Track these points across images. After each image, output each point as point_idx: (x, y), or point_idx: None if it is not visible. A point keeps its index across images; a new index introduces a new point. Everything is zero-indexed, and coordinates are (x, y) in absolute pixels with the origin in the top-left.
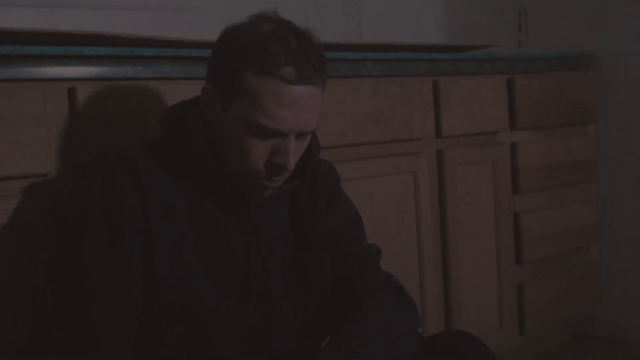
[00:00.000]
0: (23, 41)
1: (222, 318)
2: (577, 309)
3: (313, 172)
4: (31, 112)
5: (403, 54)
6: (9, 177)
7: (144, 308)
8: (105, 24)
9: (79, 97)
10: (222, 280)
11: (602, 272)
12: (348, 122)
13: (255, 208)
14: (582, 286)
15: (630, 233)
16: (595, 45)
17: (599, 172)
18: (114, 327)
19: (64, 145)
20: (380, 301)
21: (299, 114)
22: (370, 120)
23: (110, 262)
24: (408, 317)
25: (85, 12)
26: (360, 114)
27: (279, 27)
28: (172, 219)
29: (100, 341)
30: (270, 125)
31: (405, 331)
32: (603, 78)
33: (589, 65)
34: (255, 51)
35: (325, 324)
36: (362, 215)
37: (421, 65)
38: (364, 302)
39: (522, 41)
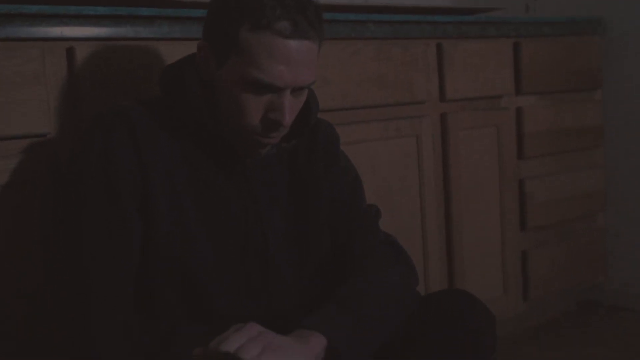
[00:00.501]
0: (22, 0)
1: (220, 276)
2: (582, 277)
3: (312, 131)
4: (30, 72)
5: (406, 16)
6: (9, 136)
7: (142, 266)
8: None
9: (78, 57)
10: (220, 239)
11: (608, 240)
12: (350, 84)
13: (253, 168)
14: (587, 254)
15: (638, 200)
16: (603, 10)
17: (606, 138)
18: (112, 284)
19: (63, 106)
20: (378, 260)
21: (294, 69)
22: (373, 83)
23: (108, 219)
24: (406, 275)
25: None
26: (362, 77)
27: None
28: (169, 178)
29: (100, 297)
30: (265, 80)
31: (403, 289)
32: (611, 43)
33: (596, 30)
34: (249, 6)
35: (324, 283)
36: (364, 179)
37: (424, 28)
38: (362, 261)
39: (530, 6)
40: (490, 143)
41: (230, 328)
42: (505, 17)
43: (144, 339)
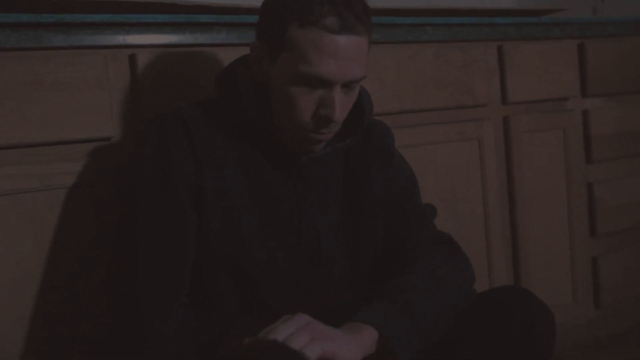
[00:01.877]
0: (85, 9)
1: (272, 272)
2: None
3: (366, 131)
4: (94, 78)
5: (465, 18)
6: (75, 140)
7: (197, 262)
8: None
9: (139, 63)
10: (273, 236)
11: None
12: (409, 88)
13: (307, 166)
14: None
15: None
16: None
17: None
18: (168, 279)
19: (125, 110)
20: (432, 255)
21: (343, 64)
22: (432, 86)
23: (164, 214)
24: (460, 271)
25: None
26: (422, 80)
27: None
28: (224, 175)
29: (155, 291)
30: (314, 74)
31: (457, 285)
32: None
33: None
34: (298, 3)
35: (377, 281)
36: (426, 183)
37: (484, 30)
38: (416, 256)
39: (597, 8)
40: (556, 146)
41: (280, 319)
42: (569, 18)
43: (199, 332)
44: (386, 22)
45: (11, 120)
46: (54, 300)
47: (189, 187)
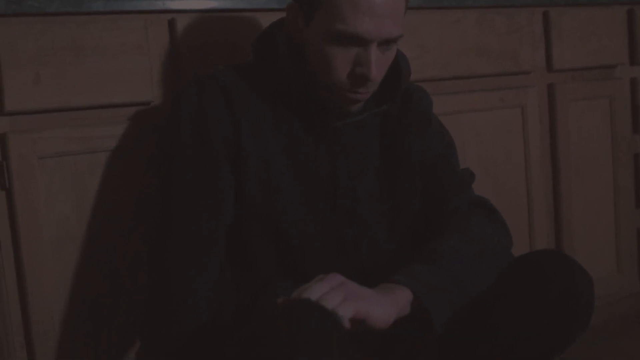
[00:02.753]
0: None
1: (310, 234)
2: None
3: (404, 96)
4: (134, 42)
5: None
6: (116, 104)
7: (235, 223)
8: None
9: (179, 28)
10: (310, 198)
11: None
12: (451, 54)
13: (343, 131)
14: None
15: None
16: None
17: None
18: (204, 239)
19: (165, 75)
20: (469, 218)
21: (379, 21)
22: (475, 53)
23: (202, 174)
24: (497, 234)
25: None
26: (464, 46)
27: None
28: (261, 138)
29: (192, 253)
30: (349, 31)
31: (493, 248)
32: None
33: None
34: None
35: (414, 242)
36: (468, 150)
37: None
38: (453, 219)
39: None
40: (602, 115)
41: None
42: None
43: (236, 292)
44: None
45: (53, 85)
46: (93, 263)
47: (227, 147)
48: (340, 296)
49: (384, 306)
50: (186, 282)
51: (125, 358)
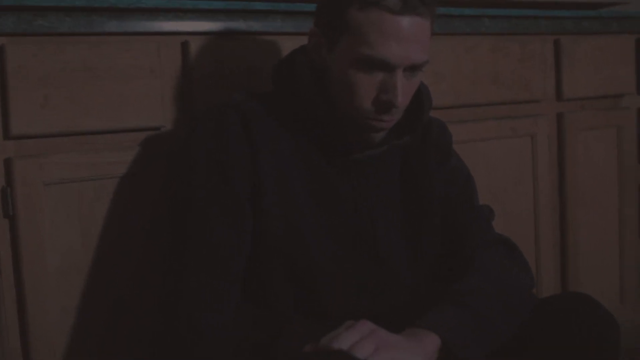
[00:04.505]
0: None
1: (330, 272)
2: None
3: (424, 129)
4: (146, 65)
5: (523, 10)
6: (125, 129)
7: (253, 255)
8: None
9: (192, 50)
10: (331, 235)
11: None
12: (464, 81)
13: (364, 163)
14: None
15: None
16: None
17: None
18: (221, 273)
19: (177, 99)
20: (493, 259)
21: (405, 46)
22: (488, 80)
23: (220, 206)
24: (522, 276)
25: None
26: (477, 73)
27: None
28: (282, 172)
29: (208, 287)
30: (376, 56)
31: (519, 289)
32: None
33: None
34: None
35: (436, 281)
36: (477, 178)
37: (542, 23)
38: (476, 259)
39: None
40: (609, 145)
41: (341, 325)
42: (627, 12)
43: (253, 329)
44: (444, 12)
45: (61, 108)
46: (98, 293)
47: (246, 179)
48: (372, 345)
49: (414, 354)
50: (204, 318)
51: None
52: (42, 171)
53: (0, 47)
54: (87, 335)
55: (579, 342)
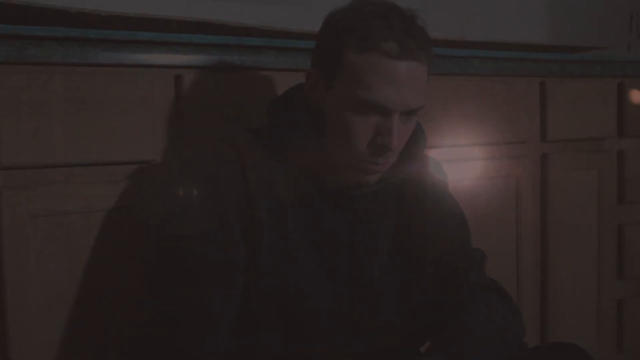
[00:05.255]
0: (132, 27)
1: (323, 312)
2: None
3: (420, 169)
4: (139, 98)
5: (511, 52)
6: (115, 162)
7: (244, 297)
8: (211, 13)
9: (185, 84)
10: (325, 274)
11: None
12: (452, 121)
13: (359, 201)
14: None
15: None
16: None
17: None
18: (215, 312)
19: (169, 133)
20: (484, 305)
21: (402, 90)
22: (475, 120)
23: (213, 247)
24: (513, 323)
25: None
26: (464, 114)
27: (382, 7)
28: (276, 209)
29: (199, 327)
30: (373, 99)
31: (510, 337)
32: None
33: None
34: (356, 28)
35: (426, 324)
36: None
37: (528, 66)
38: (467, 304)
39: (632, 44)
40: (590, 186)
41: None
42: (609, 56)
43: None
44: (435, 53)
45: (52, 139)
46: (84, 328)
47: (241, 220)
48: None
49: None
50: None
51: None
52: (30, 203)
53: None
54: None
55: None
